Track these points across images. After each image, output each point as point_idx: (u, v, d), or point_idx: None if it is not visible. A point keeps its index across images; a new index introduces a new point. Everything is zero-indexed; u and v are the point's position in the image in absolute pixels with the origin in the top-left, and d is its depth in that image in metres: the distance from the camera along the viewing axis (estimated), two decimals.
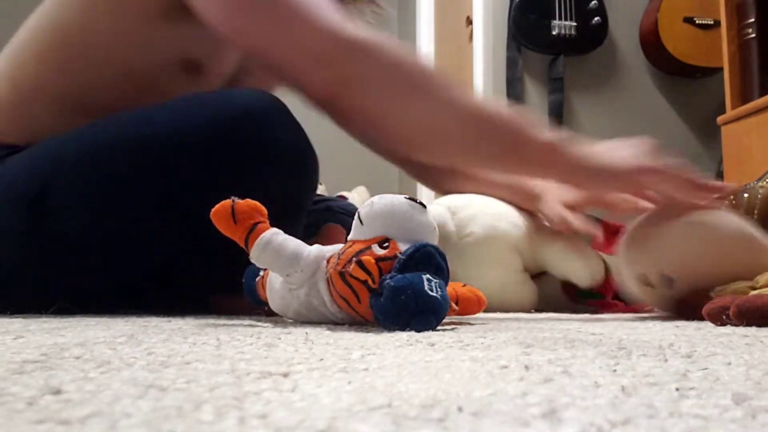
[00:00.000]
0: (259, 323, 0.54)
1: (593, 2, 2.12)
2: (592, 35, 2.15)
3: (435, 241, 0.49)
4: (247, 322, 0.56)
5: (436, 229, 0.50)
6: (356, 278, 0.45)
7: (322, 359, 0.28)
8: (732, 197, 0.95)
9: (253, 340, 0.37)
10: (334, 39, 0.64)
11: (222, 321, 0.57)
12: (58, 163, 0.68)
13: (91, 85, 0.75)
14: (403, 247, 0.46)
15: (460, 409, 0.18)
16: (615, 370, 0.26)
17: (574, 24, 2.11)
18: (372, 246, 0.46)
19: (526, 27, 2.06)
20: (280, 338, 0.38)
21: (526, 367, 0.26)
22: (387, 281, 0.43)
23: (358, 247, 0.47)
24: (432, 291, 0.43)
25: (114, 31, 0.74)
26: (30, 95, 0.76)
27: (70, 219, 0.67)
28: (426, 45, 2.93)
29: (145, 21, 0.73)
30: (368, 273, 0.45)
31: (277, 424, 0.16)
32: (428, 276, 0.44)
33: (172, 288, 0.73)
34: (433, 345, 0.34)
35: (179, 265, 0.71)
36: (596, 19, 2.14)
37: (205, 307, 0.74)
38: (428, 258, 0.45)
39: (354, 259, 0.45)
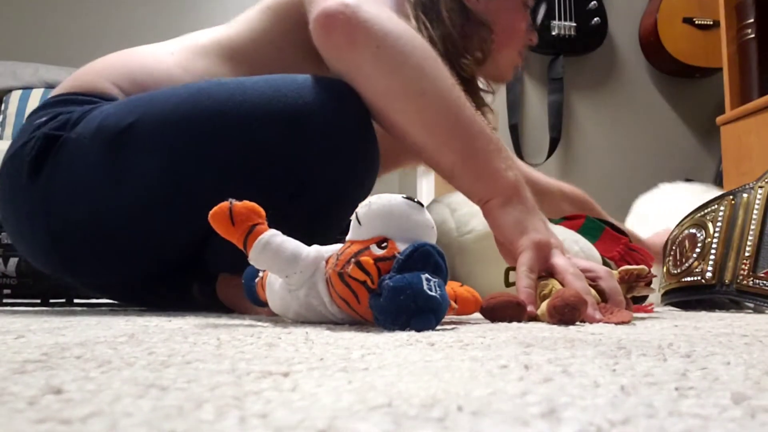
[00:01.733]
0: (259, 323, 0.54)
1: (593, 3, 2.13)
2: (592, 36, 2.16)
3: (433, 240, 0.49)
4: (247, 322, 0.56)
5: (435, 227, 0.50)
6: (355, 279, 0.45)
7: (322, 359, 0.28)
8: (731, 197, 0.95)
9: (253, 340, 0.37)
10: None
11: (222, 321, 0.57)
12: (153, 107, 0.71)
13: None
14: (401, 246, 0.46)
15: (459, 409, 0.18)
16: (614, 370, 0.26)
17: (574, 24, 2.11)
18: (370, 246, 0.46)
19: None
20: (280, 338, 0.38)
21: (526, 367, 0.26)
22: (386, 281, 0.43)
23: (356, 247, 0.47)
24: (431, 290, 0.43)
25: (275, 59, 0.84)
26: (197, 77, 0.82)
27: (143, 161, 0.70)
28: None
29: (300, 57, 0.81)
30: (367, 273, 0.45)
31: (277, 423, 0.16)
32: (427, 275, 0.44)
33: (190, 271, 0.75)
34: (433, 345, 0.34)
35: (191, 268, 0.73)
36: (596, 19, 2.14)
37: (210, 299, 0.75)
38: (427, 257, 0.45)
39: (352, 259, 0.45)
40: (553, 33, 2.07)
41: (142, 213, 0.71)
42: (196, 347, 0.33)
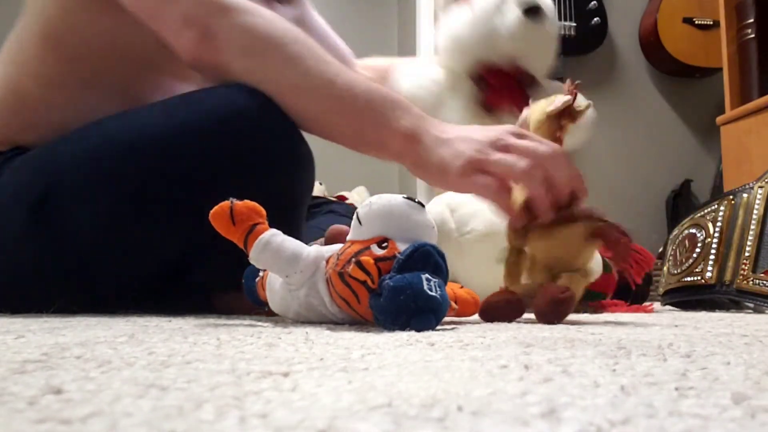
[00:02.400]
0: (259, 323, 0.54)
1: (593, 3, 2.13)
2: (592, 36, 2.16)
3: (434, 240, 0.49)
4: (247, 322, 0.56)
5: (435, 227, 0.50)
6: (355, 279, 0.45)
7: (322, 359, 0.28)
8: (731, 197, 0.95)
9: (253, 340, 0.37)
10: None
11: (222, 321, 0.57)
12: (60, 166, 0.68)
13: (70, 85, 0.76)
14: (401, 246, 0.46)
15: (459, 409, 0.18)
16: (614, 370, 0.26)
17: (574, 24, 2.11)
18: (371, 246, 0.46)
19: None
20: (280, 338, 0.38)
21: (526, 367, 0.26)
22: (386, 281, 0.43)
23: (356, 247, 0.47)
24: (431, 290, 0.43)
25: (87, 24, 0.76)
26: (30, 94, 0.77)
27: (72, 221, 0.67)
28: (426, 44, 2.93)
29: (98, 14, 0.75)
30: (367, 273, 0.45)
31: (277, 423, 0.16)
32: (427, 275, 0.44)
33: (175, 289, 0.73)
34: (433, 345, 0.34)
35: (182, 266, 0.71)
36: (596, 19, 2.14)
37: (207, 307, 0.74)
38: (427, 257, 0.45)
39: (353, 259, 0.45)
40: None
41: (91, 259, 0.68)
42: (196, 347, 0.33)
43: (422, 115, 0.66)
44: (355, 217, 0.49)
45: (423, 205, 0.49)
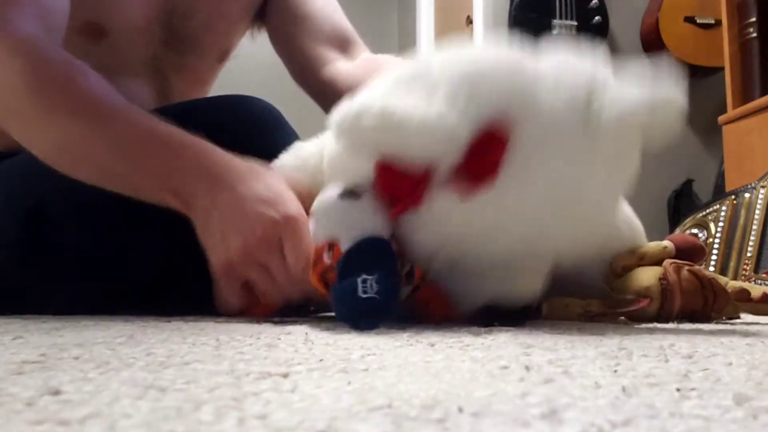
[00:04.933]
0: (259, 323, 0.54)
1: (594, 1, 2.12)
2: (593, 34, 2.15)
3: (379, 222, 0.47)
4: (246, 322, 0.56)
5: (378, 212, 0.48)
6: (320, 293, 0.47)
7: (321, 360, 0.28)
8: (733, 197, 0.95)
9: (252, 341, 0.37)
10: None
11: (221, 321, 0.57)
12: (54, 174, 0.68)
13: None
14: (346, 247, 0.46)
15: (460, 410, 0.18)
16: (616, 371, 0.25)
17: (575, 23, 2.10)
18: (323, 255, 0.47)
19: (527, 26, 2.06)
20: (279, 338, 0.38)
21: (527, 368, 0.26)
22: (331, 293, 0.45)
23: (316, 254, 0.48)
24: (366, 292, 0.43)
25: None
26: None
27: (67, 231, 0.67)
28: (426, 45, 2.93)
29: None
30: (325, 286, 0.46)
31: (276, 424, 0.16)
32: (364, 276, 0.44)
33: (169, 298, 0.73)
34: (433, 345, 0.34)
35: (177, 277, 0.71)
36: (597, 18, 2.14)
37: (206, 308, 0.74)
38: (363, 255, 0.45)
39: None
40: (554, 32, 2.06)
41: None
42: (195, 348, 0.33)
43: (206, 167, 0.56)
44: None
45: (359, 194, 0.48)
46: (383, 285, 0.44)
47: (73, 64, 0.60)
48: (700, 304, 0.57)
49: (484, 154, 0.44)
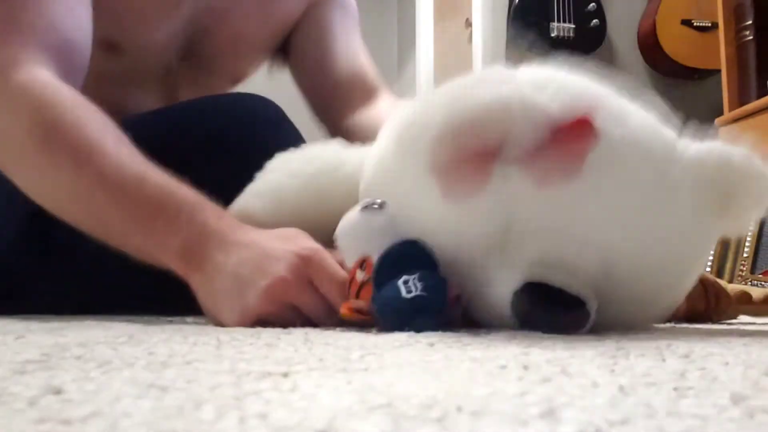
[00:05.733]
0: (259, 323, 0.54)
1: (591, 4, 2.13)
2: (591, 37, 2.16)
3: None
4: None
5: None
6: (355, 322, 0.44)
7: (321, 359, 0.28)
8: None
9: (253, 340, 0.37)
10: None
11: None
12: None
13: None
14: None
15: (459, 409, 0.18)
16: (613, 370, 0.26)
17: (573, 26, 2.11)
18: (356, 273, 0.45)
19: (525, 29, 2.07)
20: (279, 338, 0.38)
21: (525, 367, 0.26)
22: (372, 307, 0.43)
23: (348, 277, 0.46)
24: (411, 291, 0.41)
25: None
26: None
27: (69, 232, 0.67)
28: (425, 47, 2.93)
29: None
30: (359, 311, 0.43)
31: (276, 423, 0.16)
32: (404, 277, 0.42)
33: (170, 299, 0.72)
34: (432, 345, 0.34)
35: (178, 277, 0.71)
36: (594, 21, 2.14)
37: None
38: (394, 262, 0.43)
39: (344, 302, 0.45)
40: (552, 35, 2.07)
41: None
42: (196, 347, 0.33)
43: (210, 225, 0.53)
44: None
45: (381, 206, 0.46)
46: (428, 281, 0.41)
47: (81, 107, 0.57)
48: (703, 308, 0.57)
49: (573, 141, 0.39)
